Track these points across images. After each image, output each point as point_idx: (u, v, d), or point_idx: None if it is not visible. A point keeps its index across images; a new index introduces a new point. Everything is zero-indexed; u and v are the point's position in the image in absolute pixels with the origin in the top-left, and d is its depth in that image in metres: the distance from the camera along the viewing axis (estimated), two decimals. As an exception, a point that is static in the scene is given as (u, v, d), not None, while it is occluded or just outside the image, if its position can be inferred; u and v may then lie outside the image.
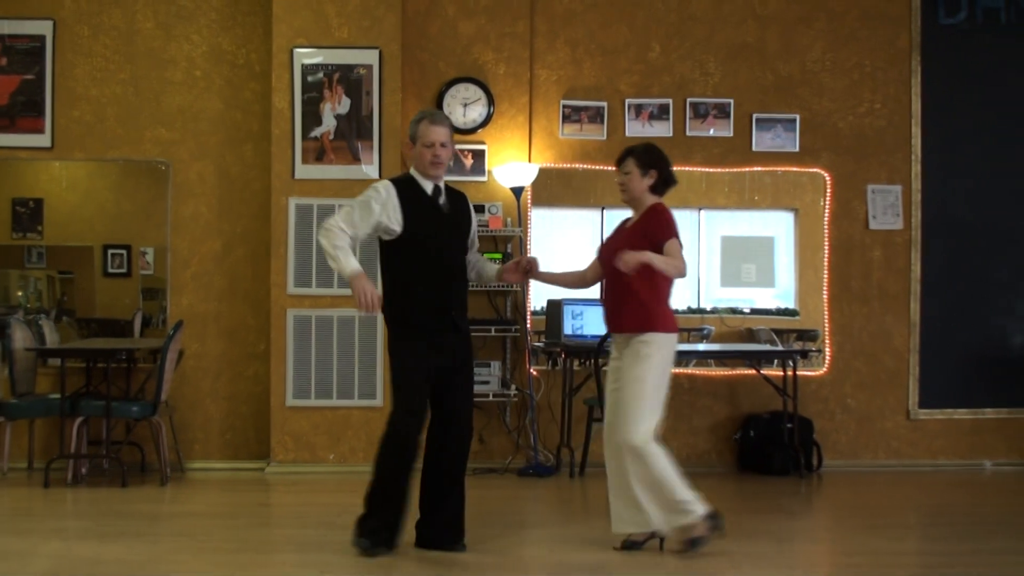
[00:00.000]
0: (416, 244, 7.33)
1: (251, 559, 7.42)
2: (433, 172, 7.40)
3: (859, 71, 11.52)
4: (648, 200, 7.52)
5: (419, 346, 7.30)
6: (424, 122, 7.39)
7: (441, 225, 7.41)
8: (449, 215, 7.46)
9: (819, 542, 8.54)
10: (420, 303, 7.32)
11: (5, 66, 11.00)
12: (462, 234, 7.54)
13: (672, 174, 7.60)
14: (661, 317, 7.35)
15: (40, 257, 11.59)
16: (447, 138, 7.40)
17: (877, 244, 11.50)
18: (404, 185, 7.43)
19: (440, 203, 7.43)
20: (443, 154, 7.38)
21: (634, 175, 7.51)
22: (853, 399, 11.47)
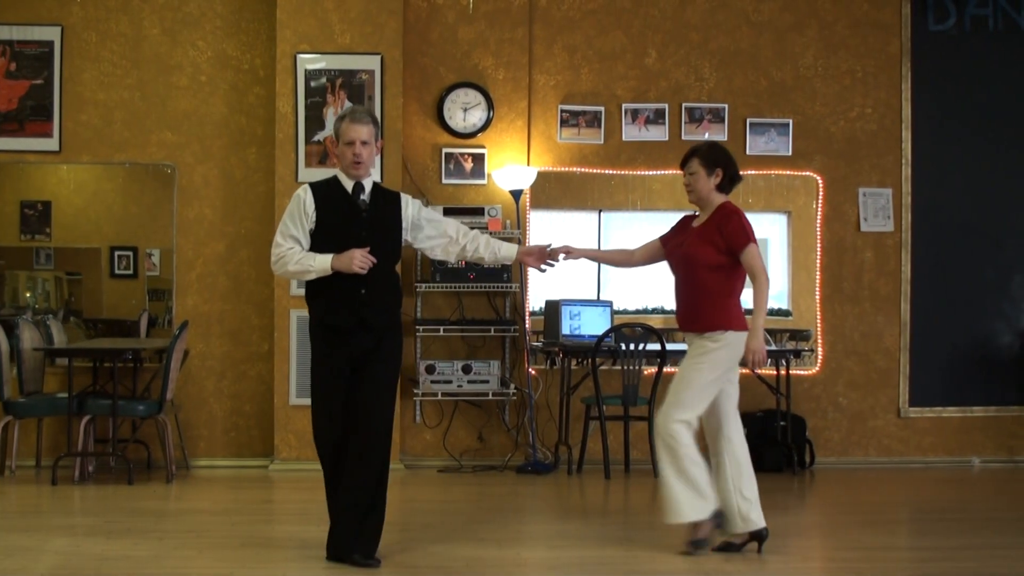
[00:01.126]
0: (328, 240, 7.14)
1: (255, 555, 7.46)
2: (354, 172, 7.19)
3: (851, 77, 11.67)
4: (716, 199, 7.53)
5: (328, 344, 7.21)
6: (346, 120, 7.19)
7: (356, 222, 7.16)
8: (367, 213, 7.21)
9: (812, 538, 8.59)
10: (333, 299, 7.15)
11: (14, 71, 11.09)
12: (385, 231, 7.25)
13: (738, 172, 7.63)
14: (736, 315, 7.41)
15: (48, 258, 11.65)
16: (369, 136, 7.18)
17: (868, 246, 11.64)
18: (323, 185, 7.28)
19: (359, 200, 7.21)
20: (364, 152, 7.14)
21: (700, 175, 7.51)
22: (845, 398, 11.60)
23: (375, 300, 7.17)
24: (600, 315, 11.19)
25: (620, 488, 10.23)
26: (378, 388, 7.20)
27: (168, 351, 10.23)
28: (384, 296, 7.26)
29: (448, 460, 11.06)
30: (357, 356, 7.16)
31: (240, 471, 10.93)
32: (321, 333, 7.25)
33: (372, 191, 7.30)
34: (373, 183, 7.36)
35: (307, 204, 7.18)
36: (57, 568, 7.11)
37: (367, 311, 7.15)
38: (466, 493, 9.77)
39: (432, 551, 7.53)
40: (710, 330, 7.37)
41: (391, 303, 7.33)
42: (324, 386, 7.27)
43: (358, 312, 7.13)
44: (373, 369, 7.18)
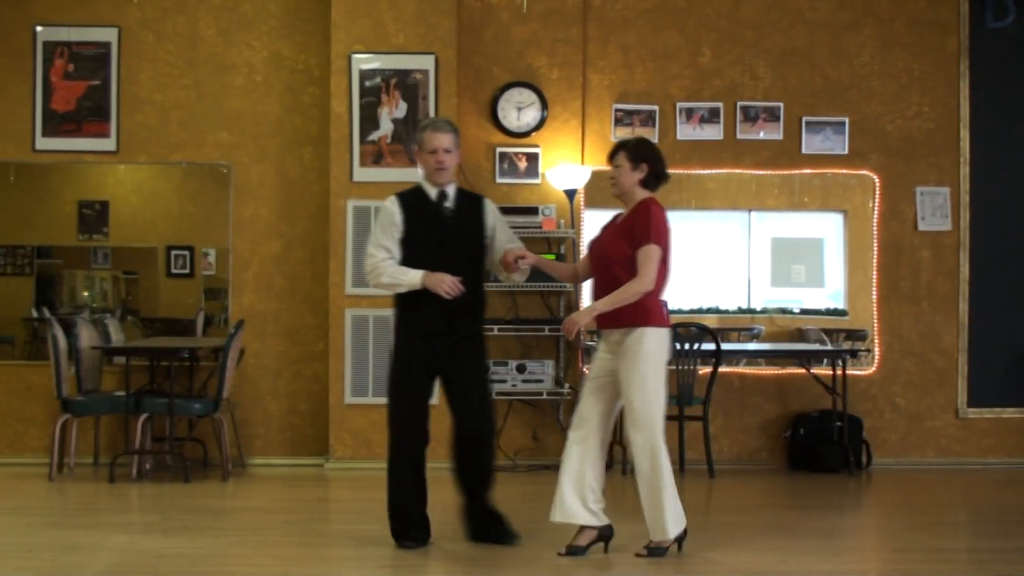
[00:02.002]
0: (416, 248, 7.46)
1: (310, 553, 7.50)
2: (437, 178, 7.52)
3: (907, 75, 11.58)
4: (639, 195, 7.40)
5: (414, 349, 7.48)
6: (428, 130, 7.53)
7: (442, 229, 7.50)
8: (452, 219, 7.54)
9: (868, 539, 8.55)
10: (420, 305, 7.42)
11: (72, 72, 11.19)
12: (469, 237, 7.57)
13: (664, 170, 7.46)
14: (653, 312, 7.25)
15: (106, 258, 11.75)
16: (450, 144, 7.49)
17: (926, 245, 11.55)
18: (409, 195, 7.60)
19: (444, 207, 7.54)
20: (446, 160, 7.47)
21: (624, 169, 7.39)
22: (902, 398, 11.51)
23: (463, 305, 7.42)
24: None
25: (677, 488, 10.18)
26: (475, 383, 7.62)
27: (224, 350, 10.29)
28: (472, 300, 7.52)
29: (502, 459, 11.04)
30: (442, 358, 7.47)
31: (295, 469, 10.99)
32: (408, 334, 7.53)
33: (456, 196, 7.62)
34: (456, 188, 7.66)
35: (395, 214, 7.49)
36: (114, 565, 7.17)
37: (455, 316, 7.45)
38: (520, 492, 9.76)
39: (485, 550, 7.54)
40: (629, 327, 7.24)
41: (478, 307, 7.64)
42: (407, 385, 7.54)
43: (446, 317, 7.42)
44: (463, 368, 7.55)
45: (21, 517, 8.76)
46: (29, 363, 11.32)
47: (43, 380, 10.94)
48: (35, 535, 8.03)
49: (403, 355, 7.54)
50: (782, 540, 7.96)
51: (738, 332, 11.87)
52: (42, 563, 7.17)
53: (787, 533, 8.21)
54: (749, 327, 11.83)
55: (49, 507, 9.40)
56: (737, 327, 11.85)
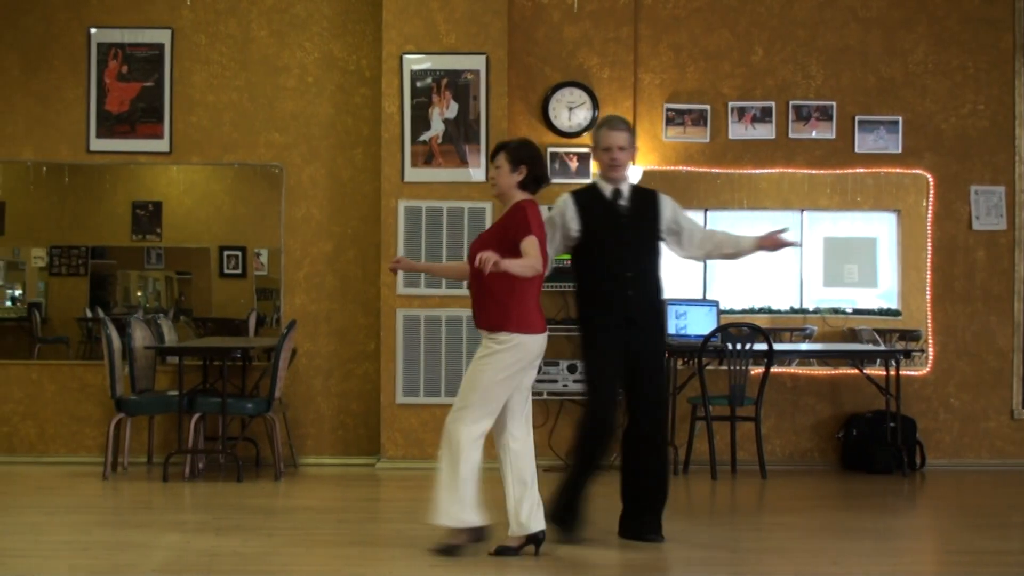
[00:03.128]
0: (592, 246, 7.63)
1: (361, 553, 7.52)
2: (611, 175, 7.68)
3: (962, 73, 11.50)
4: (516, 197, 7.34)
5: (601, 343, 7.60)
6: (603, 129, 7.71)
7: (617, 226, 7.64)
8: (628, 215, 7.68)
9: (922, 540, 8.53)
10: (599, 302, 7.60)
11: (126, 74, 11.27)
12: (644, 232, 7.71)
13: (544, 173, 7.43)
14: (517, 317, 7.19)
15: (159, 258, 11.84)
16: (625, 142, 7.65)
17: (980, 245, 11.47)
18: (583, 193, 7.79)
19: (619, 204, 7.68)
20: (620, 157, 7.63)
21: (504, 170, 7.34)
22: (956, 399, 11.43)
23: (640, 299, 7.59)
24: (706, 315, 11.13)
25: (727, 489, 10.17)
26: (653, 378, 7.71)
27: (276, 350, 10.33)
28: (650, 294, 7.70)
29: (554, 460, 11.02)
30: (630, 349, 7.58)
31: (347, 469, 11.00)
32: (594, 329, 7.66)
33: (631, 193, 7.76)
34: (631, 185, 7.81)
35: (568, 211, 7.69)
36: (168, 564, 7.22)
37: (635, 310, 7.57)
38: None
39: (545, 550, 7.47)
40: (495, 330, 7.22)
41: (656, 300, 7.75)
42: (601, 377, 7.65)
43: (625, 311, 7.56)
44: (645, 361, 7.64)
45: (76, 516, 8.82)
46: (83, 363, 11.39)
47: (97, 380, 11.04)
48: (89, 534, 8.09)
49: (595, 346, 7.66)
50: (835, 541, 7.93)
51: (790, 332, 11.83)
52: (96, 562, 7.22)
53: (840, 534, 8.17)
54: (801, 327, 11.80)
55: (103, 506, 9.46)
56: (789, 327, 11.82)
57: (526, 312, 7.24)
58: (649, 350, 7.69)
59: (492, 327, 7.23)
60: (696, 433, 10.82)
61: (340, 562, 7.26)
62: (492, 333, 7.23)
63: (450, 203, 10.76)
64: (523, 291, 7.22)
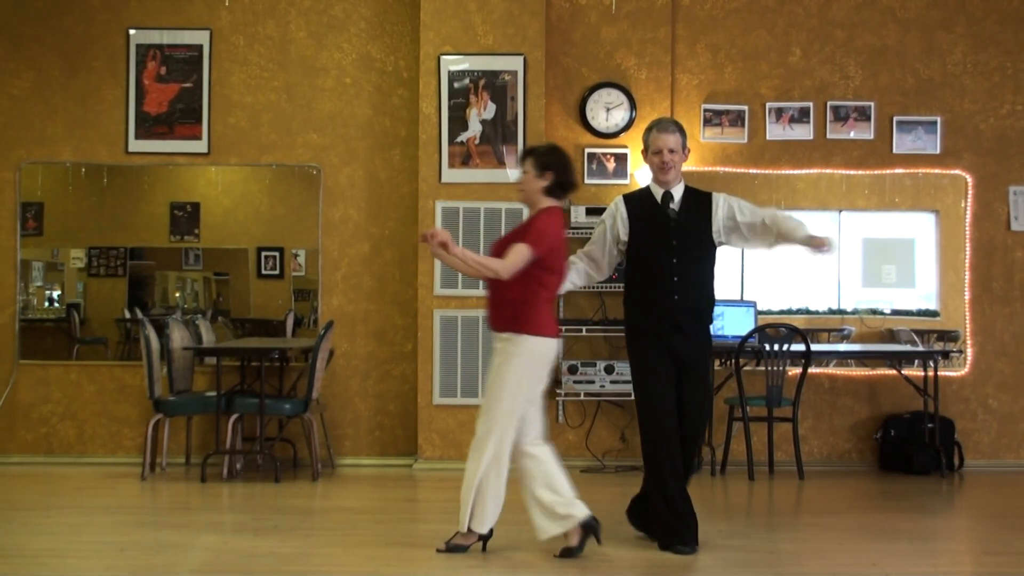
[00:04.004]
0: (641, 250, 7.60)
1: (399, 554, 7.53)
2: (662, 177, 7.63)
3: (1000, 73, 11.46)
4: (542, 203, 7.37)
5: (648, 347, 7.56)
6: (653, 131, 7.68)
7: (666, 230, 7.56)
8: (678, 219, 7.59)
9: (961, 541, 8.49)
10: (647, 306, 7.55)
11: (164, 75, 11.33)
12: (694, 237, 7.60)
13: (571, 179, 7.44)
14: (532, 320, 7.23)
15: (197, 259, 11.87)
16: (675, 144, 7.60)
17: (1019, 245, 11.42)
18: (635, 196, 7.78)
19: (669, 208, 7.61)
20: (671, 160, 7.58)
21: (530, 175, 7.37)
22: (995, 399, 11.39)
23: (688, 305, 7.54)
24: (744, 315, 11.11)
25: (764, 489, 10.15)
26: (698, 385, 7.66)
27: (314, 351, 10.35)
28: (697, 301, 7.62)
29: (591, 460, 11.05)
30: (676, 355, 7.53)
31: (384, 470, 11.02)
32: (640, 335, 7.63)
33: (683, 196, 7.68)
34: (685, 187, 7.72)
35: (619, 217, 7.67)
36: (206, 564, 7.25)
37: (681, 316, 7.52)
38: (609, 493, 9.73)
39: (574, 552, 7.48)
40: (505, 331, 7.26)
41: (704, 307, 7.67)
42: (651, 383, 7.60)
43: (672, 317, 7.51)
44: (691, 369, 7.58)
45: (114, 516, 8.86)
46: (122, 363, 11.47)
47: (136, 380, 11.11)
48: (128, 534, 8.14)
49: (641, 352, 7.63)
50: (873, 542, 7.90)
51: (828, 333, 11.80)
52: (135, 562, 7.26)
53: (878, 535, 8.14)
54: (839, 328, 11.76)
55: (141, 506, 9.50)
56: (827, 328, 11.78)
57: (538, 315, 7.27)
58: (695, 357, 7.61)
59: (505, 328, 7.26)
60: (733, 434, 10.80)
61: (377, 563, 7.28)
62: (505, 334, 7.26)
63: (487, 204, 10.77)
64: (536, 295, 7.26)
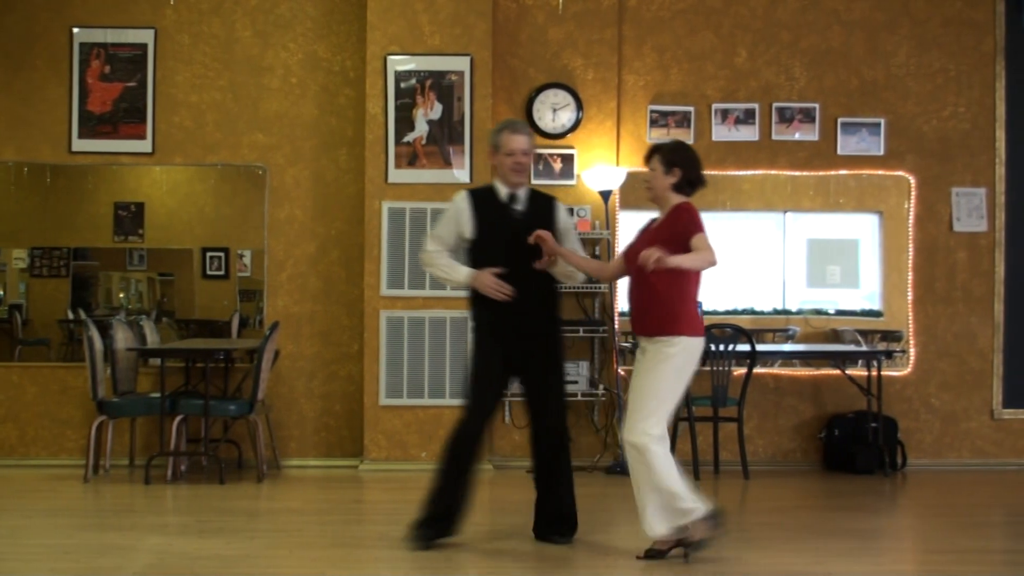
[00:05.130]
0: (485, 248, 7.54)
1: (345, 555, 7.54)
2: (515, 179, 7.57)
3: (943, 75, 11.55)
4: (672, 199, 7.36)
5: (490, 346, 7.55)
6: (505, 132, 7.60)
7: (511, 230, 7.51)
8: (522, 220, 7.54)
9: (904, 539, 8.55)
10: (494, 306, 7.46)
11: (109, 74, 11.25)
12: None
13: (699, 175, 7.41)
14: (686, 319, 7.22)
15: (141, 259, 11.80)
16: (529, 146, 7.59)
17: (961, 246, 11.52)
18: (480, 194, 7.69)
19: (514, 208, 7.58)
20: (525, 161, 7.55)
21: (658, 173, 7.39)
22: (937, 399, 11.48)
23: (534, 306, 7.52)
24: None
25: (709, 489, 10.18)
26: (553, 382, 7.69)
27: (259, 351, 10.31)
28: (543, 301, 7.62)
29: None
30: (519, 357, 7.55)
31: (330, 471, 11.00)
32: (486, 334, 7.60)
33: (528, 197, 7.66)
34: (528, 190, 7.71)
35: (463, 211, 7.58)
36: (150, 567, 7.21)
37: (526, 318, 7.51)
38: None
39: (520, 551, 7.60)
40: (661, 335, 7.22)
41: (550, 307, 7.67)
42: (485, 382, 7.58)
43: (518, 319, 7.49)
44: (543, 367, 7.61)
45: (57, 519, 8.79)
46: (65, 365, 11.36)
47: (79, 382, 11.02)
48: (71, 537, 8.08)
49: (481, 353, 7.60)
50: (817, 541, 7.95)
51: (773, 333, 11.87)
52: (78, 565, 7.21)
53: (822, 534, 8.21)
54: (784, 328, 11.82)
55: (85, 509, 9.44)
56: (772, 328, 11.85)
57: (692, 314, 7.29)
58: (543, 352, 7.61)
59: (660, 331, 7.22)
60: (679, 434, 10.83)
61: (323, 564, 7.27)
62: (661, 337, 7.22)
63: (434, 204, 10.73)
64: (690, 293, 7.27)
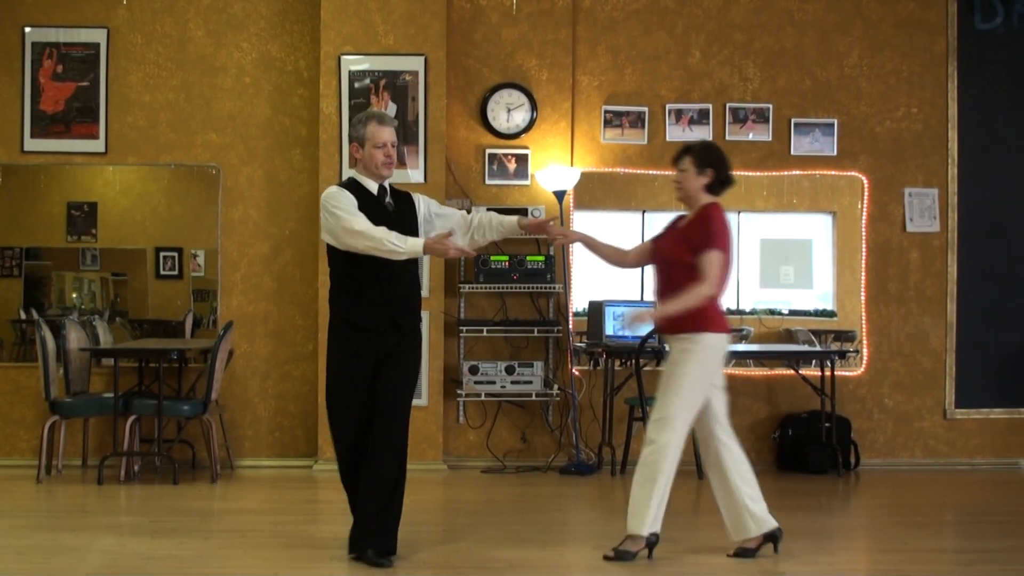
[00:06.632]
0: None
1: (299, 555, 7.50)
2: (385, 172, 7.32)
3: (896, 76, 11.61)
4: (702, 199, 7.36)
5: (352, 345, 7.27)
6: (373, 123, 7.28)
7: (386, 224, 7.15)
8: (394, 214, 7.32)
9: (857, 539, 8.58)
10: (361, 301, 7.23)
11: (61, 73, 11.18)
12: (407, 231, 7.23)
13: (730, 175, 7.44)
14: (711, 317, 7.25)
15: (94, 259, 11.73)
16: (395, 137, 7.34)
17: (914, 246, 11.57)
18: (350, 186, 7.36)
19: (386, 202, 7.34)
20: (393, 154, 7.33)
21: (690, 173, 7.36)
22: (890, 399, 11.54)
23: (404, 300, 7.34)
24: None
25: (664, 489, 10.21)
26: (401, 385, 7.28)
27: (213, 351, 10.28)
28: (411, 296, 7.43)
29: (491, 461, 11.06)
30: (382, 355, 7.25)
31: (284, 471, 10.98)
32: (347, 332, 7.31)
33: (392, 192, 7.46)
34: (390, 184, 7.48)
35: (350, 197, 7.23)
36: (103, 567, 7.18)
37: (397, 311, 7.29)
38: (509, 494, 9.78)
39: (475, 552, 7.57)
40: (686, 332, 7.25)
41: (416, 303, 7.48)
42: (347, 384, 7.30)
43: (389, 312, 7.26)
44: (396, 367, 7.28)
45: (9, 519, 8.76)
46: (17, 365, 11.29)
47: (31, 382, 10.95)
48: (24, 537, 8.03)
49: (340, 352, 7.34)
50: (771, 541, 7.97)
51: (726, 333, 11.88)
52: (31, 566, 7.18)
53: (776, 534, 8.23)
54: (738, 328, 11.83)
55: (37, 509, 9.39)
56: (726, 328, 11.87)
57: (715, 311, 7.30)
58: (404, 354, 7.32)
59: (685, 329, 7.23)
60: (633, 434, 10.86)
61: (277, 564, 7.24)
62: (686, 335, 7.23)
63: (388, 204, 10.72)
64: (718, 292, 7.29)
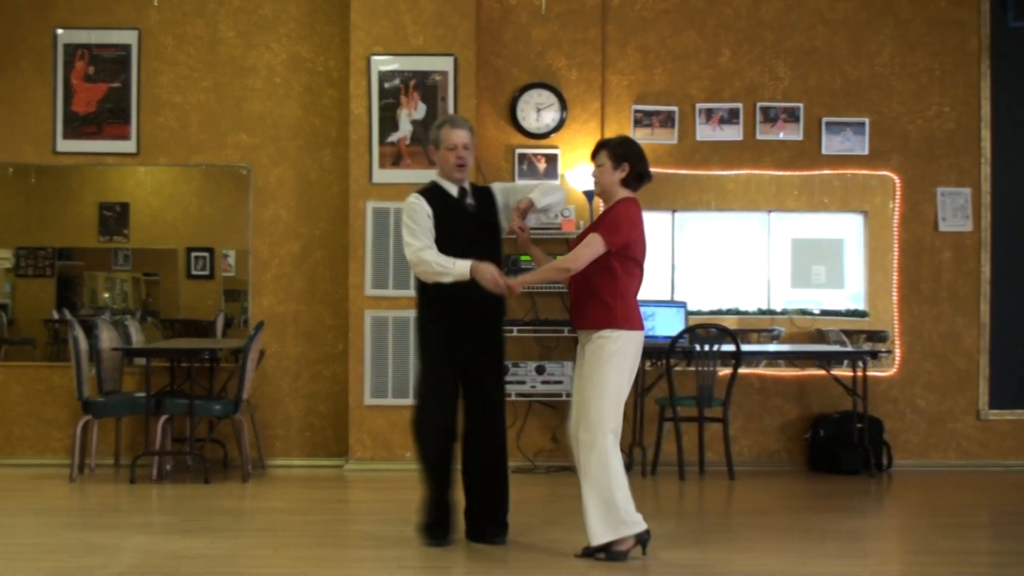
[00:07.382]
0: (445, 245, 7.45)
1: (329, 554, 7.53)
2: (458, 175, 7.60)
3: (928, 75, 11.55)
4: (619, 194, 7.38)
5: (442, 339, 7.53)
6: (446, 127, 7.62)
7: (468, 225, 7.57)
8: (475, 214, 7.63)
9: (889, 541, 8.52)
10: (448, 299, 7.44)
11: (93, 75, 11.24)
12: (489, 231, 7.66)
13: (647, 169, 7.42)
14: (622, 314, 7.22)
15: (126, 259, 11.78)
16: (468, 140, 7.59)
17: (946, 246, 11.51)
18: (431, 192, 7.63)
19: (467, 203, 7.62)
20: (466, 156, 7.57)
21: (606, 168, 7.36)
22: (923, 399, 11.48)
23: (489, 296, 7.44)
24: (674, 316, 11.15)
25: (695, 489, 10.19)
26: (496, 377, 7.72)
27: (244, 351, 10.31)
28: (495, 301, 7.60)
29: (522, 461, 11.05)
30: (471, 350, 7.53)
31: (315, 471, 10.99)
32: (436, 329, 7.57)
33: (473, 191, 7.71)
34: (471, 184, 7.75)
35: (426, 209, 7.51)
36: (135, 566, 7.19)
37: (483, 307, 7.51)
38: (539, 494, 9.77)
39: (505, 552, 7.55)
40: (599, 328, 7.24)
41: (501, 298, 7.60)
42: (439, 380, 7.58)
43: (474, 309, 7.49)
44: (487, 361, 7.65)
45: (42, 518, 8.79)
46: (50, 364, 11.34)
47: (64, 381, 11.00)
48: (56, 536, 8.08)
49: (432, 349, 7.59)
50: (802, 542, 7.96)
51: (758, 333, 11.86)
52: (63, 564, 7.21)
53: (807, 535, 8.21)
54: (769, 328, 11.82)
55: (70, 508, 9.42)
56: (757, 328, 11.84)
57: (630, 309, 7.29)
58: (492, 349, 7.68)
59: (598, 325, 7.24)
60: (664, 434, 10.83)
61: (307, 564, 7.25)
62: (598, 331, 7.23)
63: (419, 204, 10.74)
64: (627, 288, 7.30)
